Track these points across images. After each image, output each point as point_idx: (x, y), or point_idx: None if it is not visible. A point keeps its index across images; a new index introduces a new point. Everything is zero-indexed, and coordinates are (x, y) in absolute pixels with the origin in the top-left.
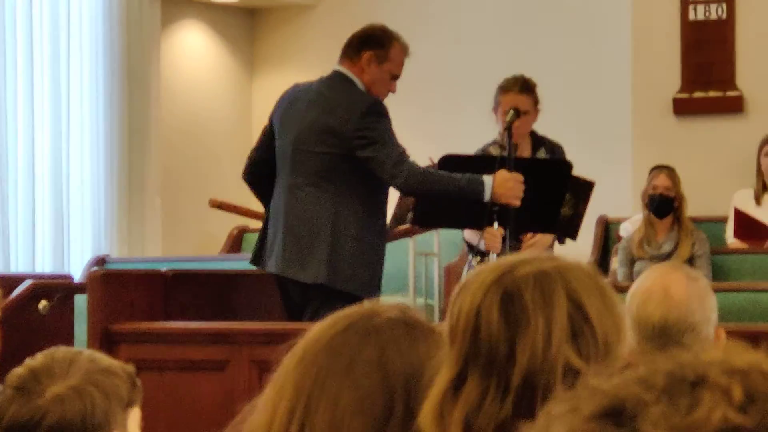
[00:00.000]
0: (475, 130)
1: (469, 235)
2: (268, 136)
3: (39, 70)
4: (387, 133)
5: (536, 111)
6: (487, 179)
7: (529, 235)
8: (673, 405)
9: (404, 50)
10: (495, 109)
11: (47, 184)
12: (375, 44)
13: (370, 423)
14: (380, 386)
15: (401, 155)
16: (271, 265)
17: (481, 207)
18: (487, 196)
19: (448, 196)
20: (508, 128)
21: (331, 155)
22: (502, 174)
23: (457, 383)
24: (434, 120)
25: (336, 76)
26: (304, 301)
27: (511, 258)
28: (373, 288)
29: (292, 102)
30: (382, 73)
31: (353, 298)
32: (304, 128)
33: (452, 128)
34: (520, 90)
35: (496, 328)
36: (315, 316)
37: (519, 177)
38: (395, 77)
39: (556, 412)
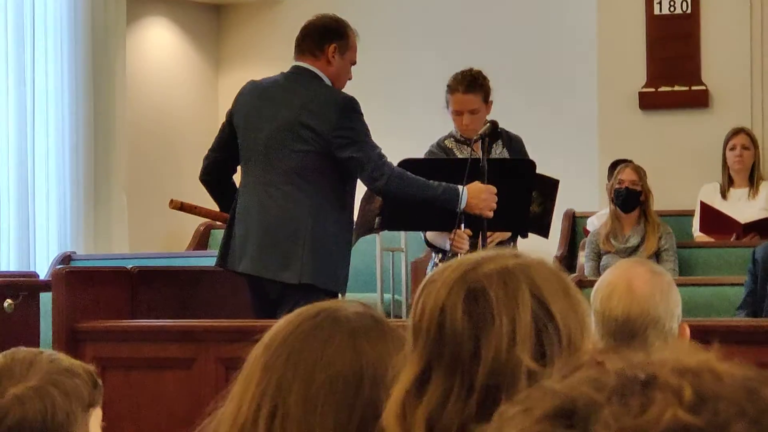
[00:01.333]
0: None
1: (432, 236)
2: (228, 134)
3: (3, 67)
4: (365, 132)
5: (487, 105)
6: (464, 189)
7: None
8: (624, 405)
9: (356, 35)
10: (447, 106)
11: (12, 181)
12: (336, 36)
13: (342, 401)
14: (351, 366)
15: (381, 157)
16: (245, 266)
17: (451, 211)
18: (461, 206)
19: (423, 202)
20: (483, 139)
21: (307, 153)
22: (477, 185)
23: (421, 382)
24: (389, 117)
25: (301, 71)
26: (280, 298)
27: (474, 255)
28: (344, 284)
29: (257, 99)
30: (345, 63)
31: (330, 296)
32: (278, 126)
33: (406, 125)
34: (466, 89)
35: (461, 326)
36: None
37: (492, 189)
38: (353, 64)
39: (508, 413)
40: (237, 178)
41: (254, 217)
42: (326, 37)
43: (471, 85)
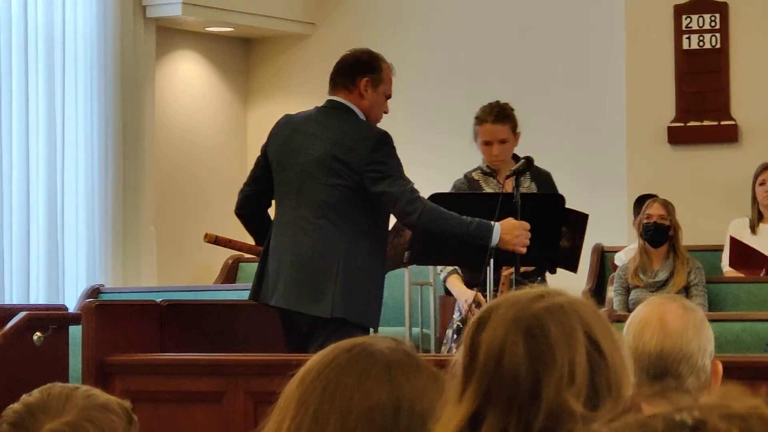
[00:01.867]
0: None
1: (451, 288)
2: (263, 169)
3: (34, 99)
4: (398, 167)
5: (515, 136)
6: (496, 225)
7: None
8: None
9: (391, 69)
10: (474, 139)
11: (42, 214)
12: (368, 69)
13: None
14: (388, 399)
15: (414, 191)
16: (277, 300)
17: (482, 246)
18: (494, 242)
19: (455, 237)
20: (515, 175)
21: (340, 187)
22: (510, 222)
23: (474, 421)
24: (417, 152)
25: (335, 105)
26: (312, 332)
27: (524, 292)
28: (377, 318)
29: (291, 133)
30: (378, 96)
31: (362, 330)
32: (312, 160)
33: (434, 159)
34: (495, 120)
35: (521, 365)
36: (323, 348)
37: (525, 225)
38: (388, 97)
39: None
40: (272, 212)
41: (287, 252)
42: (359, 70)
43: (500, 115)
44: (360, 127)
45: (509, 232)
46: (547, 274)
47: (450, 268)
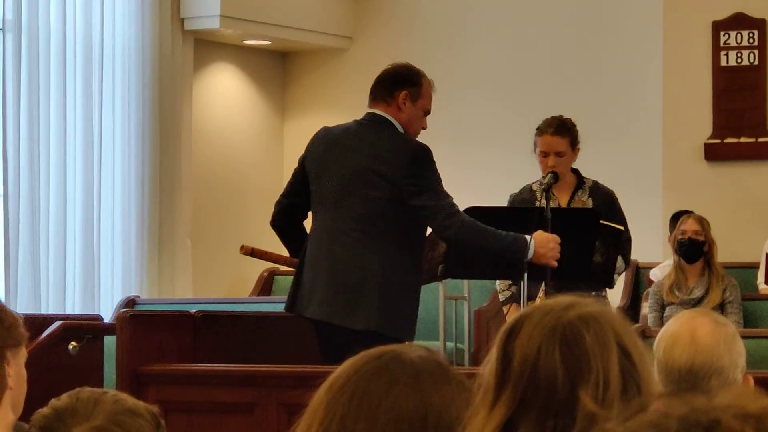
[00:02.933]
0: (507, 178)
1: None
2: (300, 180)
3: (72, 112)
4: (437, 180)
5: (574, 151)
6: (531, 239)
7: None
8: None
9: (432, 85)
10: (534, 150)
11: (78, 225)
12: (407, 83)
13: None
14: (415, 408)
15: (452, 206)
16: (313, 311)
17: (515, 260)
18: (529, 256)
19: (491, 251)
20: (547, 190)
21: (378, 200)
22: (542, 235)
23: (509, 427)
24: (466, 167)
25: (374, 118)
26: (347, 344)
27: (555, 301)
28: (413, 333)
29: (329, 146)
30: (417, 110)
31: (397, 343)
32: (350, 172)
33: (484, 176)
34: (554, 132)
35: (557, 372)
36: None
37: (557, 238)
38: (427, 113)
39: None
40: (307, 224)
41: (323, 264)
42: (398, 83)
43: (560, 128)
44: (399, 140)
45: (543, 245)
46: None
47: (509, 293)
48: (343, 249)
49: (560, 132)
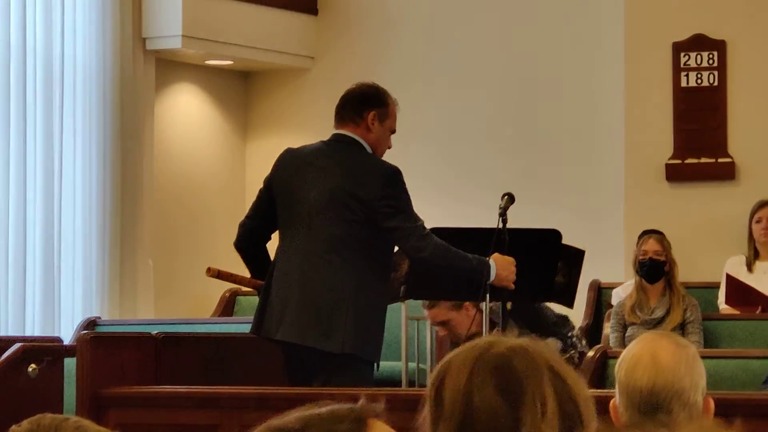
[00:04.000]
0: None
1: None
2: (266, 202)
3: (32, 130)
4: (408, 202)
5: None
6: (492, 261)
7: None
8: None
9: (396, 104)
10: None
11: (38, 246)
12: (376, 103)
13: None
14: None
15: (424, 228)
16: (284, 333)
17: (476, 282)
18: (491, 278)
19: (459, 272)
20: (503, 213)
21: (352, 222)
22: (502, 258)
23: None
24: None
25: (342, 139)
26: (317, 367)
27: (475, 342)
28: (379, 352)
29: (299, 167)
30: (385, 130)
31: (366, 364)
32: (324, 194)
33: (436, 200)
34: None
35: (494, 402)
36: (327, 382)
37: (513, 261)
38: (393, 132)
39: None
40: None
41: (295, 285)
42: (366, 104)
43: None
44: (372, 162)
45: (504, 268)
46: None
47: None
48: (317, 271)
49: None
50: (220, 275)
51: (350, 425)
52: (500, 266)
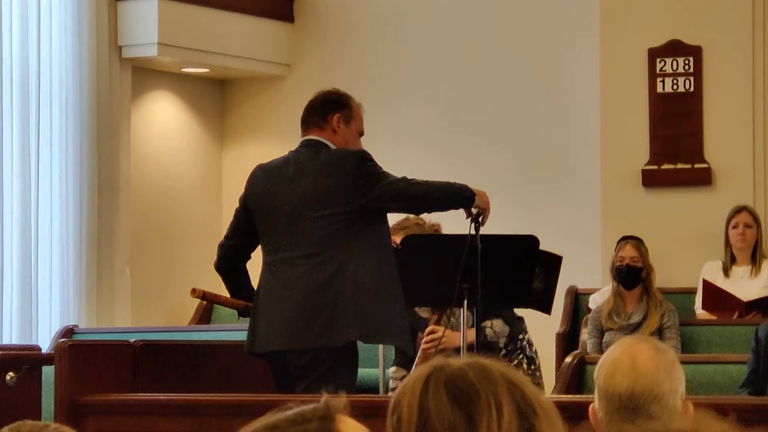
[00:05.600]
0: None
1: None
2: (244, 220)
3: (8, 139)
4: (384, 172)
5: None
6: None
7: (430, 328)
8: None
9: (361, 107)
10: None
11: (15, 255)
12: (338, 106)
13: None
14: None
15: (406, 177)
16: (279, 343)
17: (450, 285)
18: (475, 203)
19: (445, 198)
20: (476, 219)
21: (334, 216)
22: (479, 190)
23: None
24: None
25: (309, 143)
26: (308, 367)
27: (428, 364)
28: (406, 335)
29: (271, 180)
30: (351, 132)
31: (348, 368)
32: (299, 199)
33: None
34: None
35: (449, 412)
36: (316, 384)
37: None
38: (361, 134)
39: None
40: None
41: (289, 294)
42: (329, 107)
43: None
44: (337, 153)
45: (482, 197)
46: (524, 317)
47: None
48: (310, 274)
49: None
50: (205, 296)
51: (319, 423)
52: (480, 194)
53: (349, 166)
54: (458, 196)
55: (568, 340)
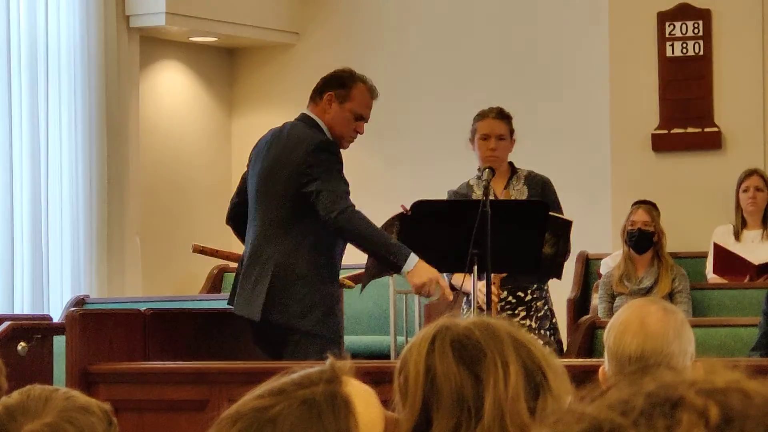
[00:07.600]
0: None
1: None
2: (245, 181)
3: (17, 111)
4: (334, 171)
5: (512, 140)
6: (414, 257)
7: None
8: (650, 427)
9: (370, 92)
10: (471, 139)
11: (26, 225)
12: (336, 85)
13: None
14: None
15: (345, 193)
16: (234, 306)
17: (463, 254)
18: (405, 270)
19: (371, 249)
20: (487, 186)
21: (283, 193)
22: (429, 267)
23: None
24: (406, 159)
25: (302, 118)
26: (280, 345)
27: (433, 324)
28: (333, 327)
29: (258, 147)
30: (344, 112)
31: (328, 342)
32: (264, 169)
33: (425, 176)
34: (496, 116)
35: (455, 370)
36: (291, 358)
37: (442, 281)
38: (359, 117)
39: None
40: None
41: (244, 261)
42: (327, 85)
43: (501, 113)
44: (308, 134)
45: (426, 273)
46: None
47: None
48: (252, 243)
49: (502, 116)
50: (204, 251)
51: (325, 386)
52: (423, 269)
53: (303, 150)
54: (385, 260)
55: (578, 306)
